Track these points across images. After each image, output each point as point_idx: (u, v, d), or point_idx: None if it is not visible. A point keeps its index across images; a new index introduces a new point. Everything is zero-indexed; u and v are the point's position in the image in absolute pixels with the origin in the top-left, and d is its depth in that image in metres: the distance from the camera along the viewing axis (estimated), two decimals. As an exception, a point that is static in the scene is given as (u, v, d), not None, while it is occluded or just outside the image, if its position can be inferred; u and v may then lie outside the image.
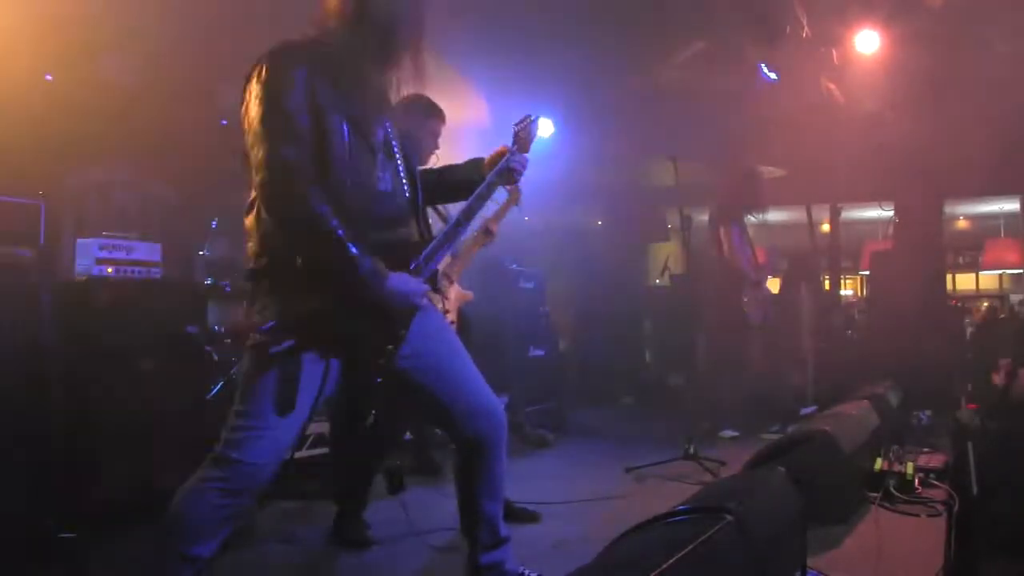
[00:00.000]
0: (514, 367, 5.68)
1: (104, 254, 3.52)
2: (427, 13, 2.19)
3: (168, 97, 4.41)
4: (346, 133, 2.06)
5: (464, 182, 2.50)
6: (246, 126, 2.03)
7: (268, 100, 1.99)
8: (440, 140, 3.50)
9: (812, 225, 7.56)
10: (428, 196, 2.46)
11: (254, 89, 2.02)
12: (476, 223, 2.91)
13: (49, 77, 4.26)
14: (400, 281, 2.09)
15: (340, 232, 1.96)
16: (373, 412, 3.18)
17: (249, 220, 2.11)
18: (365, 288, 2.02)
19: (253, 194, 2.09)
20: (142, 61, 4.62)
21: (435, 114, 3.45)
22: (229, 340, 3.89)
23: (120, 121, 4.22)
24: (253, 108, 2.01)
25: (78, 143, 4.10)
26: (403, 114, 3.41)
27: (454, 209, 2.73)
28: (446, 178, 2.57)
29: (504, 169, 2.44)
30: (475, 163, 2.55)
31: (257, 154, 1.99)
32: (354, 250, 1.98)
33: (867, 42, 6.34)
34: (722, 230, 5.69)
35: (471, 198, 2.40)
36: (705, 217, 6.12)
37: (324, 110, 2.02)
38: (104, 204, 4.47)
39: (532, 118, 2.53)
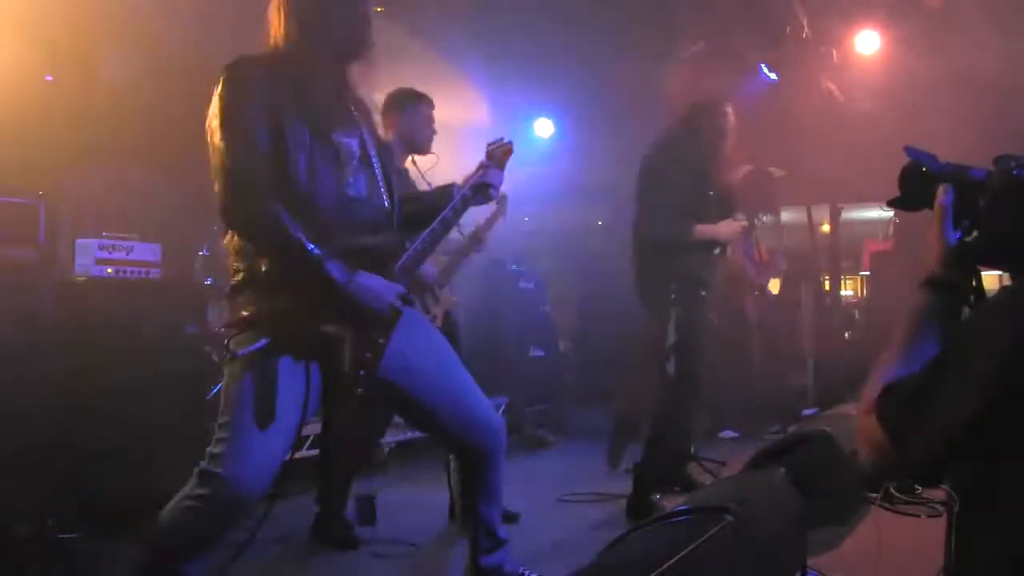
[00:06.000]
0: (514, 367, 5.67)
1: (104, 254, 3.51)
2: (368, 13, 2.18)
3: (168, 97, 4.41)
4: (308, 141, 2.05)
5: (437, 208, 2.44)
6: (208, 140, 2.04)
7: (225, 113, 2.01)
8: (440, 136, 3.47)
9: (812, 225, 7.55)
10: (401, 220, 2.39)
11: (214, 103, 2.03)
12: (453, 232, 2.86)
13: (49, 77, 4.26)
14: (369, 279, 2.07)
15: (299, 235, 1.97)
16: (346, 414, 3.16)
17: (226, 239, 2.11)
18: (331, 287, 2.00)
19: None
20: (142, 61, 4.62)
21: (423, 100, 3.43)
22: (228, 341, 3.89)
23: (120, 121, 4.22)
24: (212, 122, 2.02)
25: (78, 143, 4.09)
26: (391, 110, 3.42)
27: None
28: (418, 203, 2.53)
29: (479, 184, 2.43)
30: (448, 189, 2.52)
31: (216, 167, 2.01)
32: (315, 251, 1.98)
33: (867, 42, 6.35)
34: None
35: (446, 210, 2.38)
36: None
37: (285, 120, 2.02)
38: (104, 204, 4.47)
39: (506, 140, 2.52)
